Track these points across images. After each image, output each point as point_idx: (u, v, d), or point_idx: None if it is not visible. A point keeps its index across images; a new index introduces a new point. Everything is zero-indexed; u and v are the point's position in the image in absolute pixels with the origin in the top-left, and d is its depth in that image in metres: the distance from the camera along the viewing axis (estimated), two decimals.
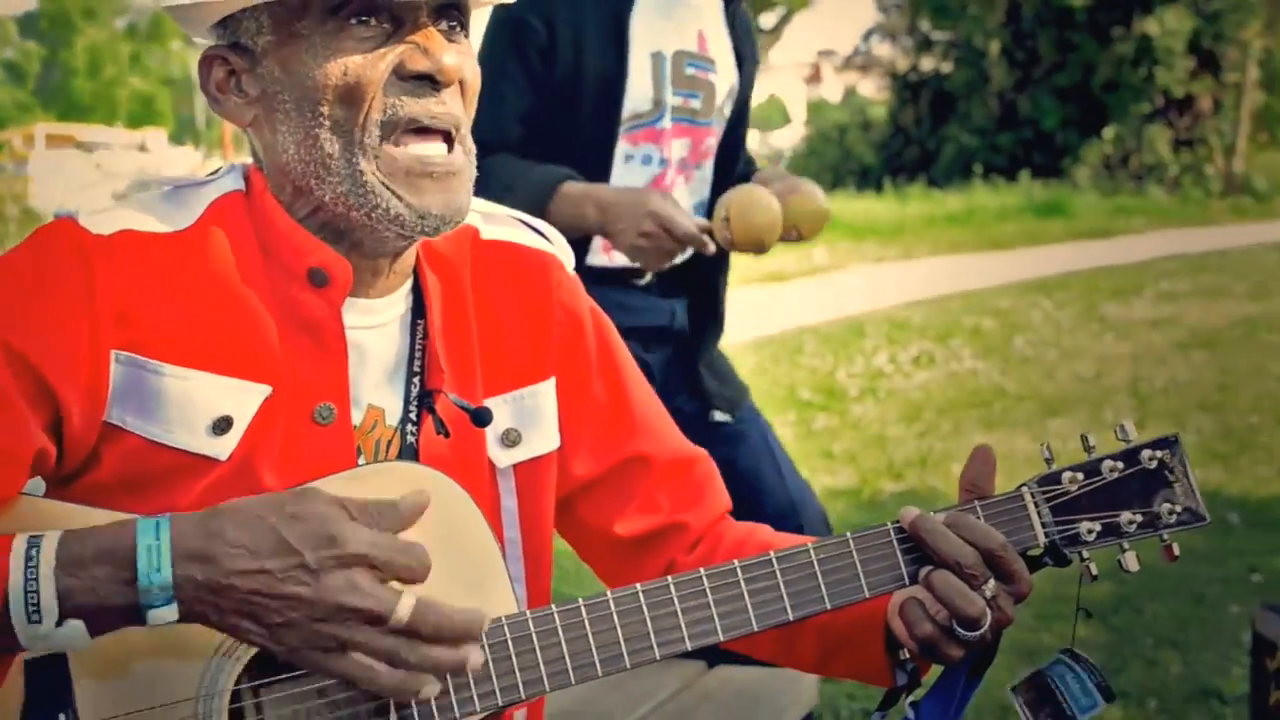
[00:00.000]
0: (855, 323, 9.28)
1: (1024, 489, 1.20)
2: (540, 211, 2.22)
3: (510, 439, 1.27)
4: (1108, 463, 1.21)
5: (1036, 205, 17.10)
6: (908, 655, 1.23)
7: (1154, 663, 3.43)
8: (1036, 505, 1.19)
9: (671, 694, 2.28)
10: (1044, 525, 1.19)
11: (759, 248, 2.22)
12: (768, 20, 25.55)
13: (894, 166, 21.57)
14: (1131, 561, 1.21)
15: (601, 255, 2.35)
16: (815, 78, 61.74)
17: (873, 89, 27.41)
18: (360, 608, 0.98)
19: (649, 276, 2.37)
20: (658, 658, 1.10)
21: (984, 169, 19.80)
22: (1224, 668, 3.34)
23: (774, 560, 1.12)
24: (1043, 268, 12.11)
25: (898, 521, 1.17)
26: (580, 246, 2.29)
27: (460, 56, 1.15)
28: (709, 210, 2.36)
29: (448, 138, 1.16)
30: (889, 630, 1.23)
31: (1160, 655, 3.48)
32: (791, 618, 1.14)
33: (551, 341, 1.31)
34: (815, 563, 1.15)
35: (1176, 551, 1.21)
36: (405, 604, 0.99)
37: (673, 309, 2.41)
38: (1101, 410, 6.55)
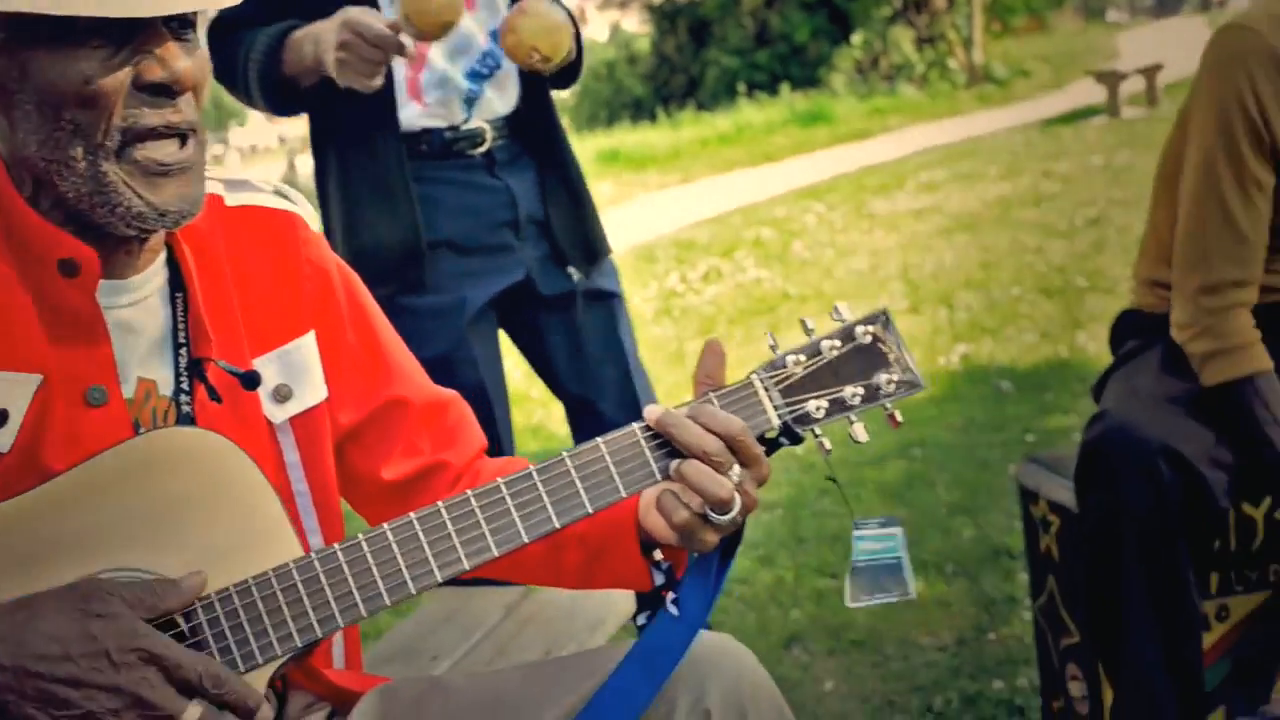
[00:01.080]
0: (646, 249, 9.40)
1: (753, 376, 1.26)
2: (278, 68, 2.23)
3: (282, 394, 1.32)
4: (826, 342, 1.27)
5: (799, 116, 17.47)
6: (662, 556, 1.31)
7: (948, 530, 3.63)
8: (767, 390, 1.25)
9: (496, 623, 2.35)
10: (776, 408, 1.25)
11: (443, 27, 2.13)
12: None
13: (664, 96, 21.79)
14: (860, 433, 1.28)
15: (412, 106, 2.32)
16: (580, 19, 61.61)
17: (635, 23, 27.52)
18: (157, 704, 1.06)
19: (483, 147, 2.35)
20: (440, 580, 1.16)
21: (747, 87, 20.13)
22: (1010, 526, 3.54)
23: (534, 474, 1.19)
24: (812, 174, 12.41)
25: (643, 421, 1.23)
26: (389, 111, 2.27)
27: (193, 59, 1.19)
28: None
29: (183, 136, 1.19)
30: (644, 535, 1.31)
31: (953, 522, 3.68)
32: (558, 524, 1.20)
33: (304, 296, 1.36)
34: (572, 470, 1.20)
35: (900, 418, 1.28)
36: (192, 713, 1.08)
37: (509, 187, 2.38)
38: (877, 300, 6.80)
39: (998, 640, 2.94)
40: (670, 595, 1.31)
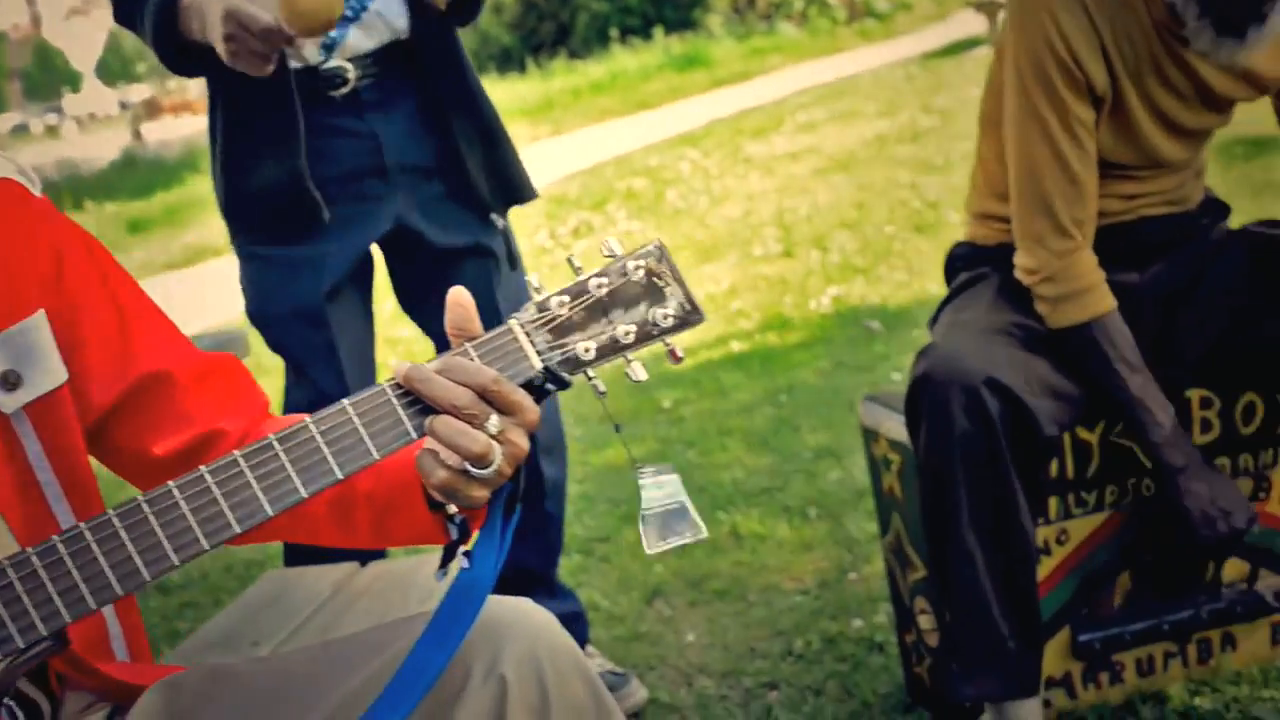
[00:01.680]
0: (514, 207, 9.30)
1: (512, 321, 1.19)
2: (171, 32, 2.10)
3: (11, 382, 1.22)
4: (594, 280, 1.20)
5: (675, 60, 17.42)
6: (455, 509, 1.25)
7: (813, 474, 3.61)
8: (529, 335, 1.19)
9: (324, 601, 2.27)
10: (539, 353, 1.18)
11: (323, 25, 2.02)
12: None
13: (533, 44, 21.56)
14: (639, 371, 1.21)
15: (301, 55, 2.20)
16: None
17: None
18: None
19: (345, 89, 2.21)
20: (176, 563, 1.08)
21: (620, 32, 20.03)
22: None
23: (275, 442, 1.11)
24: (688, 120, 12.37)
25: (393, 379, 1.16)
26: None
27: None
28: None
29: None
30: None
31: (819, 466, 3.66)
32: (305, 494, 1.13)
33: (30, 273, 1.25)
34: (317, 436, 1.13)
35: (680, 354, 1.23)
36: None
37: (374, 132, 2.25)
38: (751, 246, 6.78)
39: (859, 579, 2.93)
40: (463, 551, 1.25)
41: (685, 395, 4.55)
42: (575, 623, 2.64)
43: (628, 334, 1.20)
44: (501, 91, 17.23)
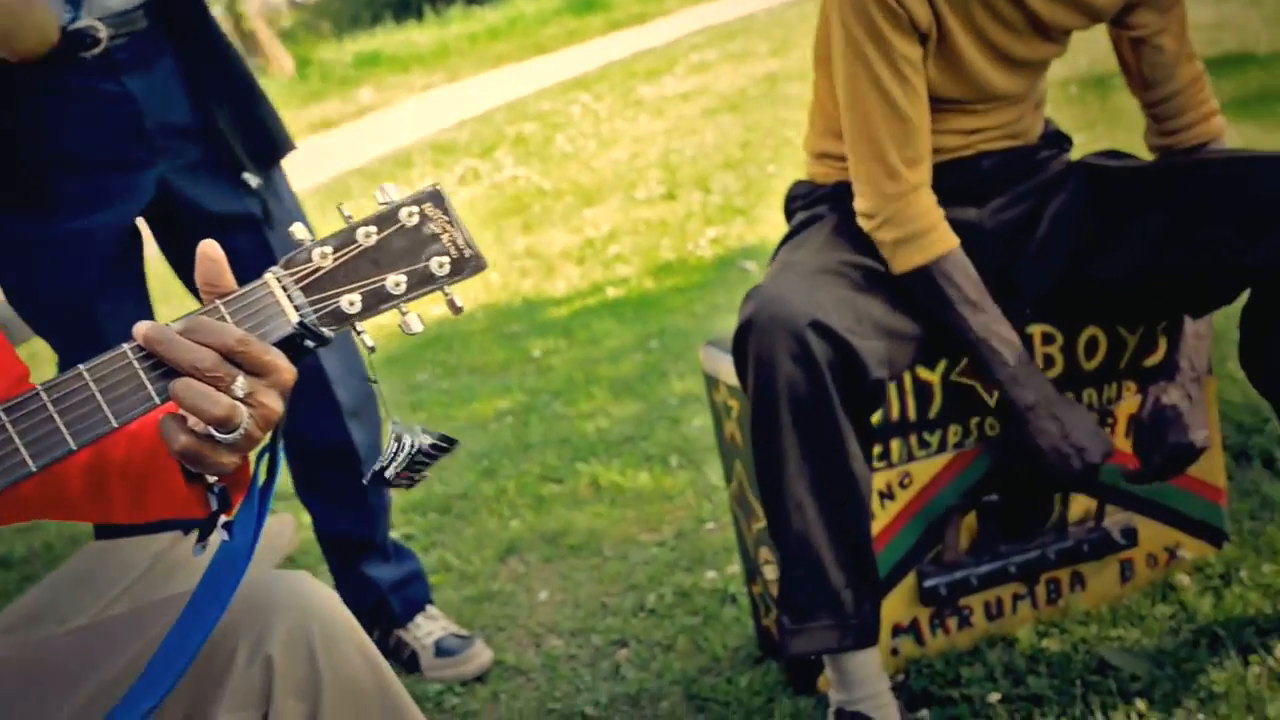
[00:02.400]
0: (403, 154, 9.11)
1: (269, 274, 1.10)
2: None
3: None
4: (361, 230, 1.12)
5: (574, 4, 17.12)
6: (214, 479, 1.15)
7: (678, 421, 3.53)
8: (286, 290, 1.10)
9: (141, 574, 2.16)
10: (297, 308, 1.10)
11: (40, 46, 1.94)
12: None
13: None
14: (414, 323, 1.14)
15: None
16: None
17: None
18: None
19: (98, 49, 2.06)
20: None
21: None
22: None
23: (1, 414, 1.01)
24: (584, 64, 12.16)
25: (134, 340, 1.07)
26: None
27: None
28: None
29: None
30: None
31: (683, 413, 3.57)
32: (35, 468, 1.03)
33: None
34: (49, 404, 1.03)
35: (460, 304, 1.14)
36: None
37: (130, 93, 2.10)
38: (635, 189, 6.67)
39: (716, 529, 2.86)
40: (224, 520, 1.16)
41: (556, 344, 4.44)
42: (414, 584, 2.55)
43: (398, 285, 1.12)
44: (398, 40, 16.92)
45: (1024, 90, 2.12)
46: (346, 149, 10.10)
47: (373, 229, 1.14)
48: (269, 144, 2.28)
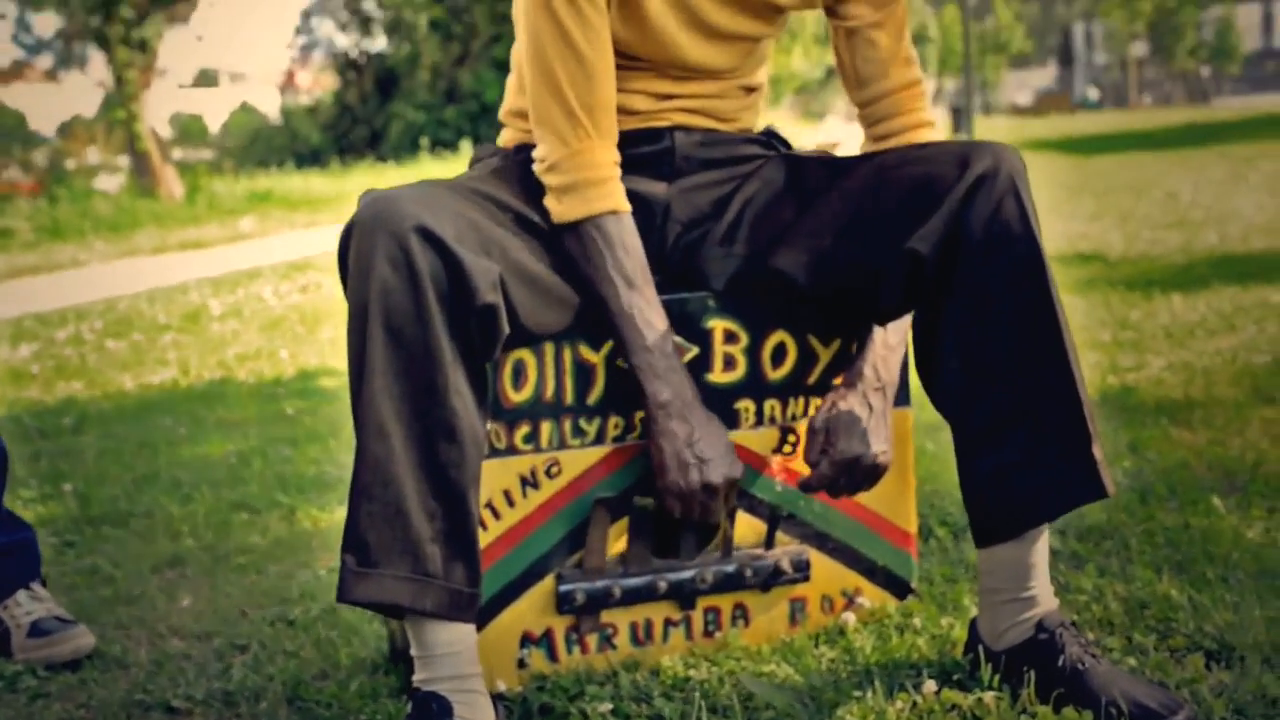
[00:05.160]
0: (256, 270, 8.94)
1: None
2: None
3: None
4: None
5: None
6: None
7: None
8: None
9: None
10: None
11: None
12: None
13: (343, 147, 21.28)
14: None
15: None
16: (290, 84, 60.60)
17: (313, 74, 27.17)
18: None
19: None
20: None
21: (431, 143, 19.86)
22: None
23: None
24: None
25: None
26: None
27: None
28: None
29: None
30: None
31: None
32: None
33: None
34: None
35: None
36: None
37: None
38: None
39: None
40: None
41: (313, 405, 4.19)
42: (20, 555, 2.25)
43: None
44: (294, 183, 16.85)
45: (724, 65, 1.97)
46: (201, 264, 9.88)
47: None
48: None
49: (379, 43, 22.69)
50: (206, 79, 67.41)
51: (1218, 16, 72.16)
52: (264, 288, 7.70)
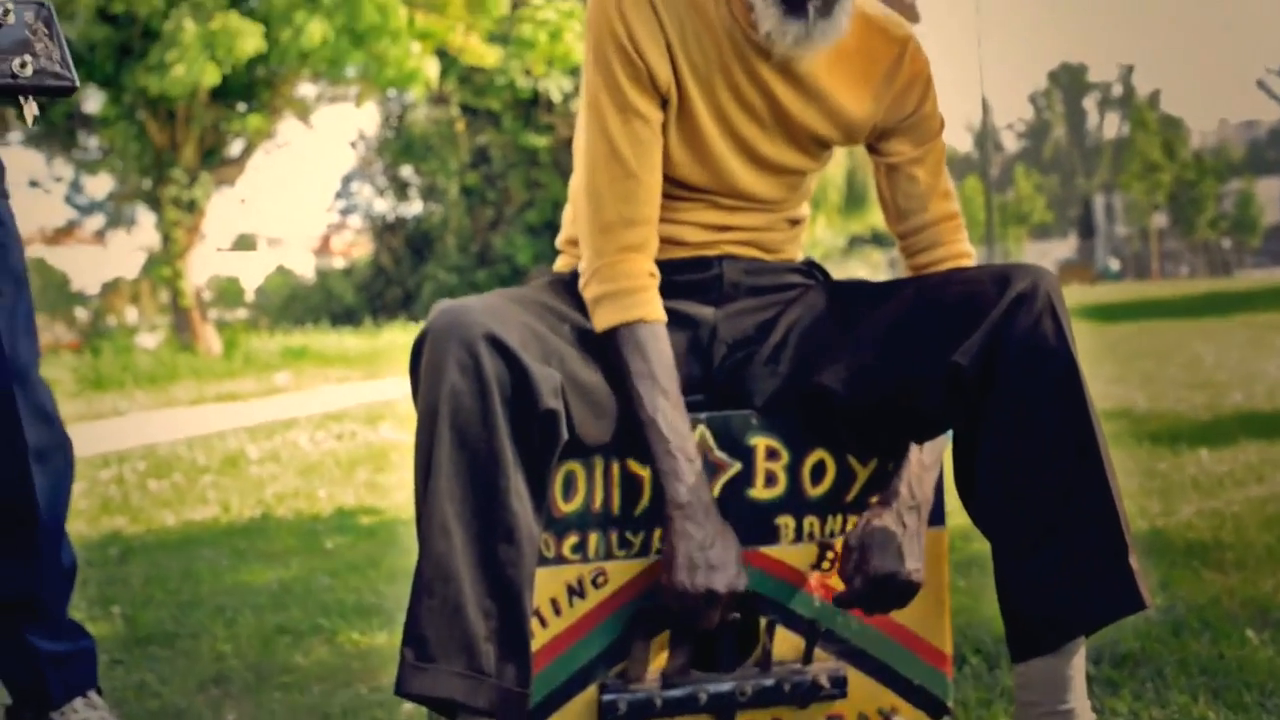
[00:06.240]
0: (290, 420, 9.08)
1: None
2: None
3: None
4: None
5: None
6: None
7: None
8: None
9: None
10: None
11: None
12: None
13: (376, 306, 21.70)
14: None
15: None
16: (325, 248, 61.86)
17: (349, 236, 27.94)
18: None
19: None
20: None
21: None
22: None
23: None
24: None
25: None
26: None
27: None
28: None
29: None
30: None
31: None
32: None
33: None
34: None
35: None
36: None
37: None
38: None
39: None
40: None
41: (353, 540, 4.25)
42: (80, 664, 2.31)
43: None
44: (328, 340, 17.14)
45: (774, 197, 2.09)
46: (238, 415, 10.04)
47: None
48: None
49: (414, 207, 23.28)
50: (245, 243, 68.86)
51: (1238, 189, 73.20)
52: (300, 435, 7.82)
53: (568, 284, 2.06)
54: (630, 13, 1.94)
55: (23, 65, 1.10)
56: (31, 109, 1.12)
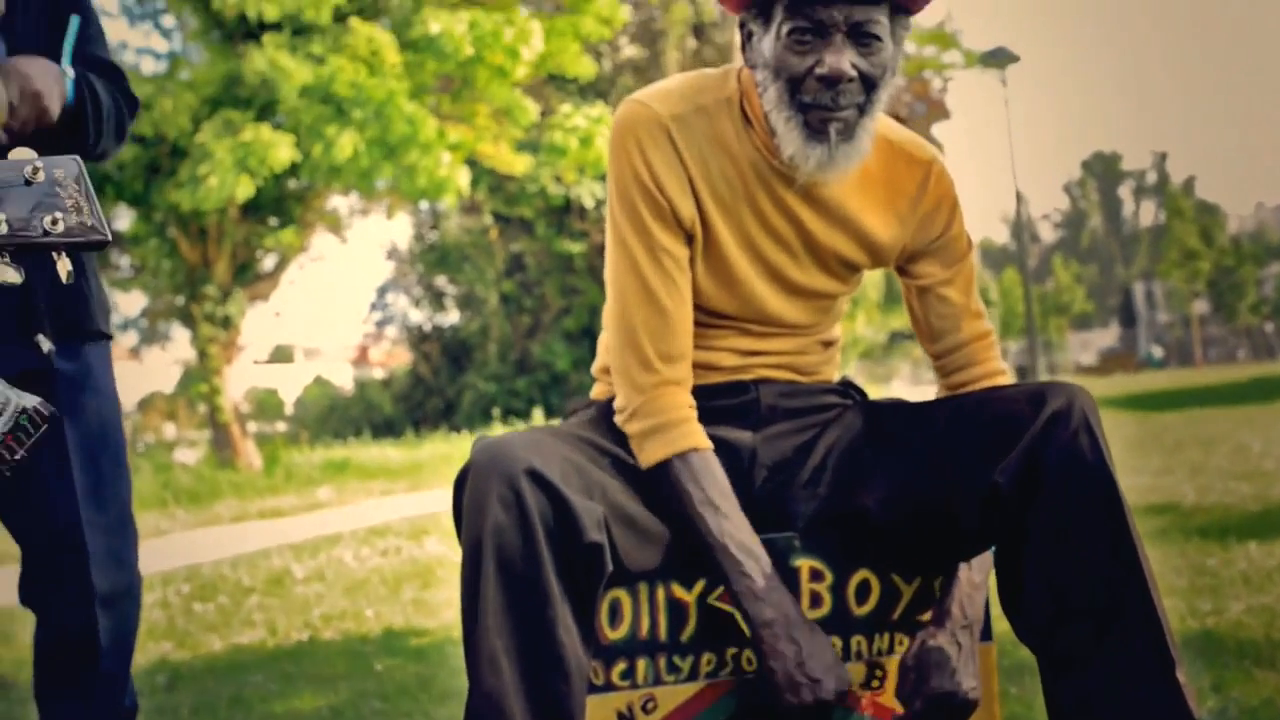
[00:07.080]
0: (335, 535, 9.11)
1: None
2: None
3: None
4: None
5: None
6: None
7: None
8: None
9: None
10: None
11: None
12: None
13: (416, 417, 21.83)
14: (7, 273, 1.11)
15: None
16: (363, 358, 62.35)
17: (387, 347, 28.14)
18: None
19: None
20: None
21: (502, 412, 20.38)
22: None
23: None
24: None
25: None
26: None
27: None
28: None
29: None
30: None
31: None
32: None
33: None
34: None
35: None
36: None
37: None
38: None
39: None
40: None
41: (402, 663, 4.25)
42: None
43: None
44: (370, 452, 17.23)
45: (805, 321, 2.13)
46: (281, 531, 10.07)
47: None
48: (78, 318, 2.27)
49: (451, 317, 23.51)
50: (282, 355, 69.46)
51: (1277, 273, 72.89)
52: (345, 552, 7.84)
53: (605, 414, 2.09)
54: (650, 151, 1.99)
55: (54, 222, 1.13)
56: (65, 265, 1.16)
